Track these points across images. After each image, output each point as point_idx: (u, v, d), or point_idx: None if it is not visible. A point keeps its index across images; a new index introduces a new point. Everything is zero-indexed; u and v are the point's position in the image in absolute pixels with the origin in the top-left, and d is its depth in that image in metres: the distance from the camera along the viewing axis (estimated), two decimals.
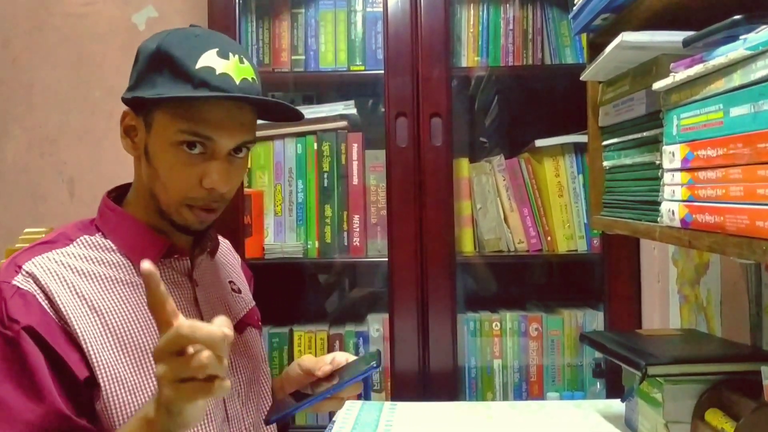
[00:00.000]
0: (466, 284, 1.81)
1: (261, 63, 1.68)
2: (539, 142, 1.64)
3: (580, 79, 1.08)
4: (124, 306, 0.88)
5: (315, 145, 1.65)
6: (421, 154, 1.57)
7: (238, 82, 0.87)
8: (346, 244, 1.65)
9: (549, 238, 1.65)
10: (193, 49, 0.87)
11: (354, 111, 1.70)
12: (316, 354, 1.64)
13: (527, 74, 1.75)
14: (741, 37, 0.62)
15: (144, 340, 0.87)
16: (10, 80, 1.90)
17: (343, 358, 1.02)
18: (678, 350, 1.06)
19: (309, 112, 1.64)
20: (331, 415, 1.09)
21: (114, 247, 0.92)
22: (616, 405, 1.23)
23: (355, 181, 1.65)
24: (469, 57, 1.67)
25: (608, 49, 0.89)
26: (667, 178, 0.78)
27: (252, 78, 0.90)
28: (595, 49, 1.03)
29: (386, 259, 1.58)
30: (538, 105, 1.87)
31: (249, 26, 1.70)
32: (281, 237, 1.66)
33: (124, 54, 1.89)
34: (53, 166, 1.90)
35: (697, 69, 0.69)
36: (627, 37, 0.84)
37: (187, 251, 0.97)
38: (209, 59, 0.86)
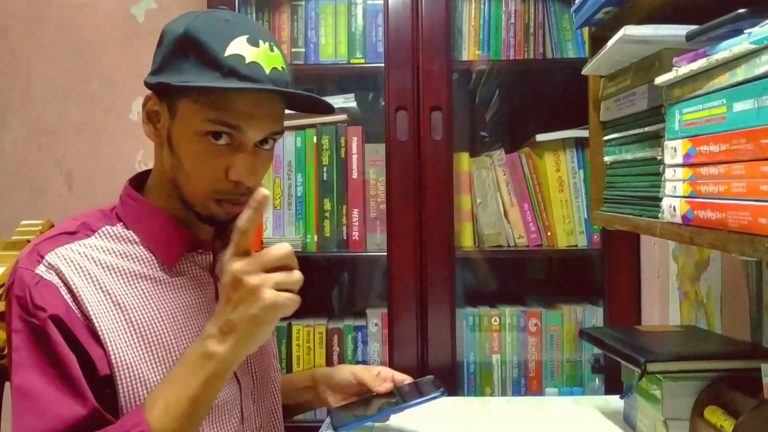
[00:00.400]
0: (466, 279, 1.81)
1: None
2: (540, 137, 1.63)
3: (582, 73, 1.07)
4: (147, 302, 0.85)
5: (314, 138, 1.65)
6: (421, 148, 1.56)
7: (268, 71, 0.83)
8: (345, 238, 1.65)
9: (549, 234, 1.64)
10: (222, 35, 0.83)
11: (354, 104, 1.69)
12: (314, 348, 1.64)
13: (528, 68, 1.74)
14: (745, 31, 0.62)
15: (168, 338, 0.85)
16: (8, 72, 1.90)
17: (388, 373, 1.06)
18: (677, 347, 1.06)
19: None
20: (329, 410, 1.09)
21: (137, 239, 0.88)
22: (615, 401, 1.23)
23: (355, 174, 1.64)
24: (470, 50, 1.66)
25: (610, 43, 0.88)
26: (668, 173, 0.77)
27: (282, 67, 0.86)
28: (597, 43, 1.02)
29: (385, 254, 1.58)
30: (539, 99, 1.86)
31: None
32: (280, 230, 1.65)
33: (123, 46, 1.88)
34: (51, 158, 1.89)
35: (700, 63, 0.68)
36: (629, 30, 0.83)
37: (209, 244, 0.94)
38: (239, 46, 0.82)
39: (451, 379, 1.57)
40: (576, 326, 1.63)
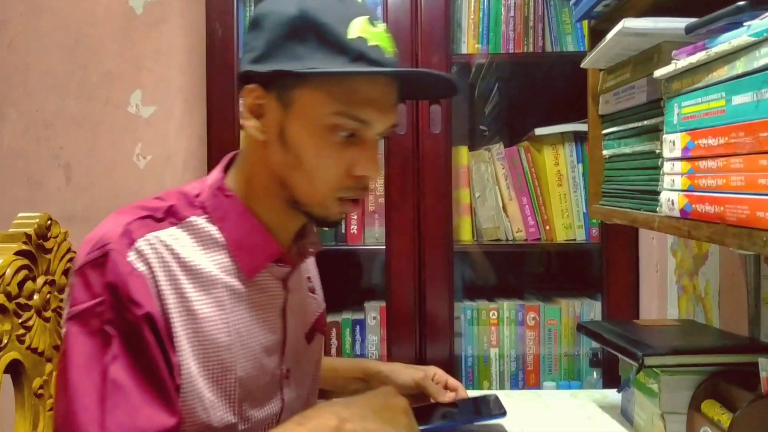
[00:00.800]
0: (464, 273, 1.81)
1: None
2: (539, 131, 1.63)
3: (581, 66, 1.07)
4: (217, 314, 0.79)
5: None
6: (419, 142, 1.56)
7: (390, 55, 0.76)
8: (343, 231, 1.65)
9: (547, 228, 1.64)
10: (341, 15, 0.75)
11: None
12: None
13: (528, 62, 1.74)
14: (744, 24, 0.61)
15: (226, 356, 0.80)
16: (6, 64, 1.89)
17: (443, 377, 1.12)
18: (675, 341, 1.06)
19: None
20: None
21: (220, 240, 0.81)
22: (613, 395, 1.23)
23: None
24: (469, 44, 1.65)
25: (609, 36, 0.88)
26: (666, 167, 0.77)
27: (396, 52, 0.79)
28: (597, 36, 1.02)
29: (384, 247, 1.58)
30: (538, 93, 1.86)
31: (247, 11, 1.68)
32: None
33: (122, 38, 1.87)
34: (49, 151, 1.89)
35: (700, 56, 0.68)
36: (628, 23, 0.83)
37: (289, 256, 0.88)
38: (360, 28, 0.74)
39: (449, 372, 1.56)
40: (574, 320, 1.63)
